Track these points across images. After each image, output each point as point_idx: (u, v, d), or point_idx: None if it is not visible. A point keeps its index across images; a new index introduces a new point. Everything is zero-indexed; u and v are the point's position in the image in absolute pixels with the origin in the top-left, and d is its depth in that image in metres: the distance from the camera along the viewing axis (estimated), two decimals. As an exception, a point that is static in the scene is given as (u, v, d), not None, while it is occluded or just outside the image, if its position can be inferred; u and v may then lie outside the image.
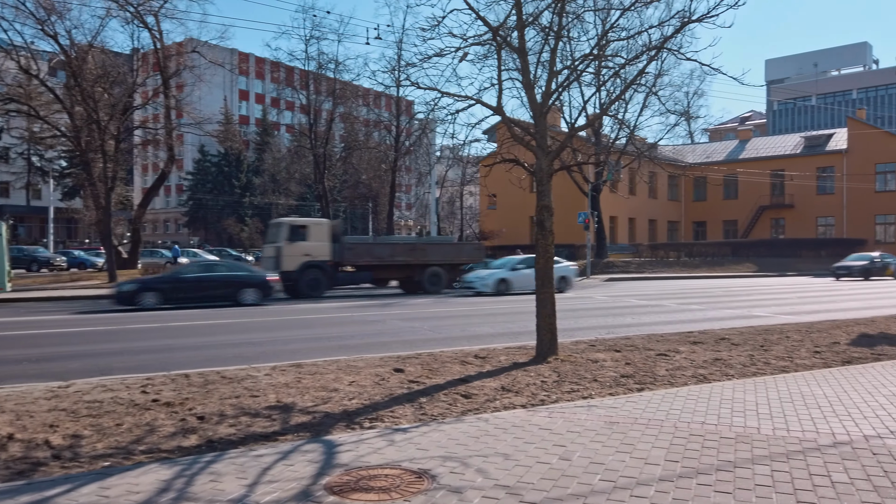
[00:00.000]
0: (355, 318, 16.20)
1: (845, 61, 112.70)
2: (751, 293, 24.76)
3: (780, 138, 62.74)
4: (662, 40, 8.38)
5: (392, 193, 39.81)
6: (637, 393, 6.80)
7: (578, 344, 10.27)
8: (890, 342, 10.25)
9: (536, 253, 8.77)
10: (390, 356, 9.23)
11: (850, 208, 51.96)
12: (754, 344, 10.10)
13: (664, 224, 58.87)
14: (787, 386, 7.02)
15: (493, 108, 8.25)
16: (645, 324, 14.78)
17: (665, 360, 8.74)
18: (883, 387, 6.90)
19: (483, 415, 5.94)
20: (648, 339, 10.75)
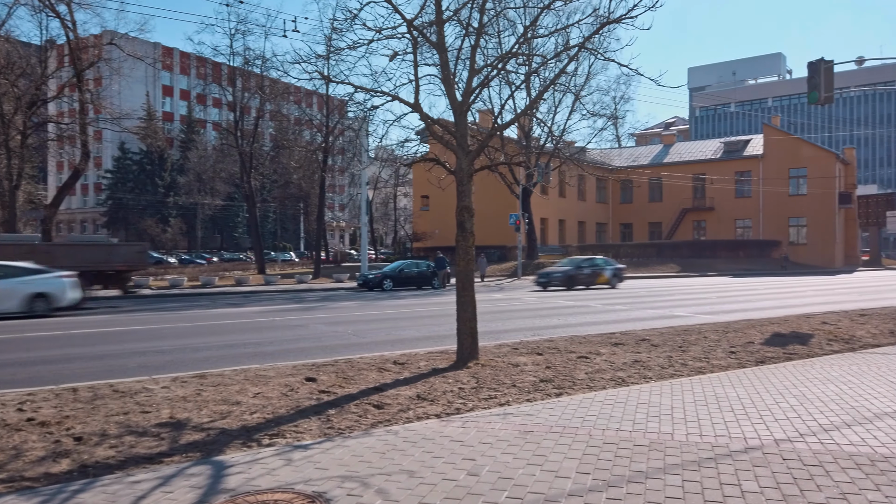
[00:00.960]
0: (277, 323, 15.57)
1: (761, 71, 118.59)
2: (673, 293, 25.43)
3: (702, 143, 65.24)
4: (583, 40, 8.28)
5: (322, 194, 38.95)
6: (555, 398, 6.63)
7: (502, 347, 10.09)
8: (801, 341, 10.54)
9: (457, 255, 8.52)
10: (305, 364, 8.78)
11: (766, 211, 54.48)
12: (673, 345, 10.18)
13: (593, 226, 60.17)
14: (703, 388, 7.01)
15: (410, 104, 7.95)
16: (570, 325, 14.81)
17: (585, 362, 8.65)
18: (794, 387, 6.98)
19: (394, 427, 5.61)
20: (571, 341, 10.69)
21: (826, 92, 17.16)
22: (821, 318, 13.66)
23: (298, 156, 43.02)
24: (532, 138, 42.94)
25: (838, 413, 5.81)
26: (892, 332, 11.61)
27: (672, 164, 58.41)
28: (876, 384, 7.10)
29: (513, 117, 8.37)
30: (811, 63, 17.43)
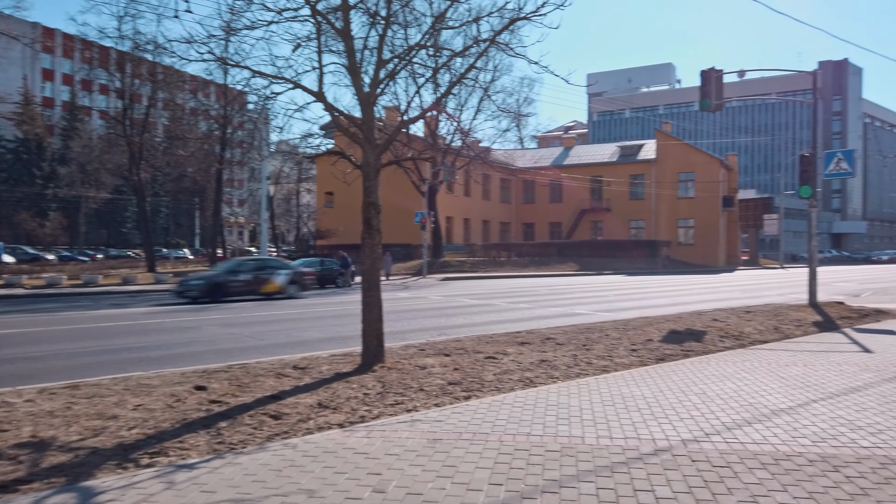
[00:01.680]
0: (165, 325, 14.54)
1: (654, 80, 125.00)
2: (573, 291, 26.10)
3: (599, 147, 67.84)
4: (492, 35, 8.12)
5: (219, 188, 37.14)
6: (464, 402, 6.41)
7: (408, 348, 9.79)
8: (696, 338, 10.92)
9: (363, 253, 8.15)
10: (195, 370, 8.11)
11: (658, 212, 57.35)
12: (577, 343, 10.26)
13: (497, 225, 61.14)
14: (609, 387, 7.02)
15: (313, 93, 7.49)
16: (477, 324, 14.75)
17: (493, 363, 8.51)
18: (694, 385, 7.12)
19: (292, 440, 5.18)
20: (478, 341, 10.56)
21: (717, 99, 18.05)
22: (711, 316, 14.30)
23: (194, 147, 40.87)
24: (439, 136, 42.97)
25: (738, 410, 5.94)
26: (776, 328, 12.30)
27: (572, 167, 60.31)
28: (768, 380, 7.37)
29: (421, 112, 8.08)
30: (703, 72, 18.27)
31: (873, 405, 6.04)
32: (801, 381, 7.29)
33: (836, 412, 5.81)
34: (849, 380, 7.30)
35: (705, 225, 56.53)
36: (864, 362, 8.48)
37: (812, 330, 12.18)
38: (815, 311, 15.08)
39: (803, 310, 15.46)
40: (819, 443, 4.87)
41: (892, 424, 5.34)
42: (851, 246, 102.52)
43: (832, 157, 17.65)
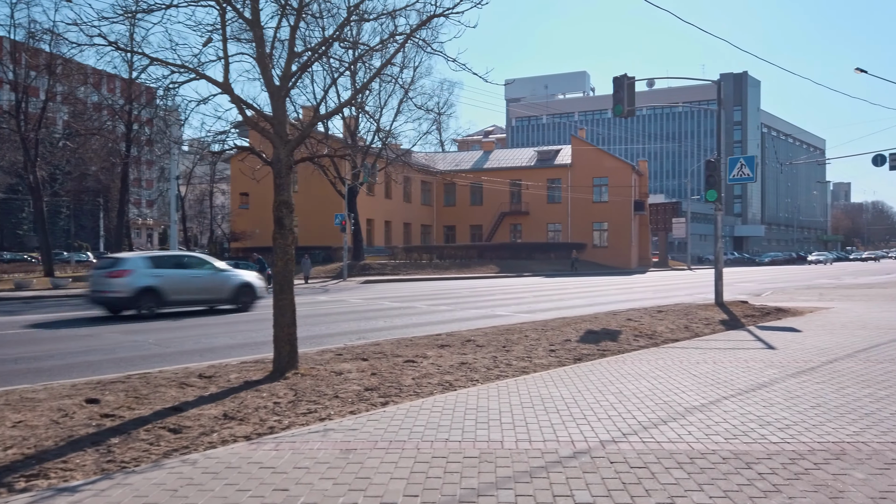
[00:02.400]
0: (61, 334, 13.49)
1: (569, 87, 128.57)
2: (493, 293, 26.29)
3: (518, 151, 69.07)
4: (409, 31, 7.93)
5: (124, 188, 35.14)
6: (381, 409, 6.17)
7: (324, 353, 9.43)
8: (611, 338, 11.11)
9: (275, 254, 7.75)
10: (89, 381, 7.47)
11: (574, 216, 58.91)
12: (497, 345, 10.21)
13: (418, 227, 61.03)
14: (528, 388, 6.95)
15: (218, 84, 7.05)
16: (397, 327, 14.51)
17: (412, 367, 8.30)
18: (611, 384, 7.17)
19: (192, 455, 4.78)
20: (398, 345, 10.33)
21: (629, 105, 18.59)
22: (626, 315, 14.66)
23: (96, 145, 38.48)
24: (358, 137, 42.42)
25: (654, 409, 5.98)
26: (686, 327, 12.71)
27: (491, 170, 61.03)
28: (681, 378, 7.52)
29: (337, 106, 7.78)
30: (616, 78, 18.79)
31: (780, 400, 6.23)
32: (712, 378, 7.48)
33: (745, 408, 5.95)
34: (755, 376, 7.55)
35: (618, 228, 58.52)
36: (769, 359, 8.82)
37: (720, 328, 12.66)
38: (721, 310, 15.73)
39: (711, 309, 16.11)
40: (731, 440, 4.94)
41: (798, 419, 5.50)
42: (751, 248, 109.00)
43: (735, 162, 18.52)
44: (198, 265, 18.77)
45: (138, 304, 16.68)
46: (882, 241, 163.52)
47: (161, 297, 17.05)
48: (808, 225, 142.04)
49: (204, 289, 18.18)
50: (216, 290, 18.38)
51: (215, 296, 18.39)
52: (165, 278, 17.26)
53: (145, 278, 16.87)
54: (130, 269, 16.90)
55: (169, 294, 17.21)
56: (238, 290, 18.60)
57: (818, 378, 7.35)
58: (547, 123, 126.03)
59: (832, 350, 9.49)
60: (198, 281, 18.07)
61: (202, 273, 18.43)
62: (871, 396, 6.35)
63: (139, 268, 17.09)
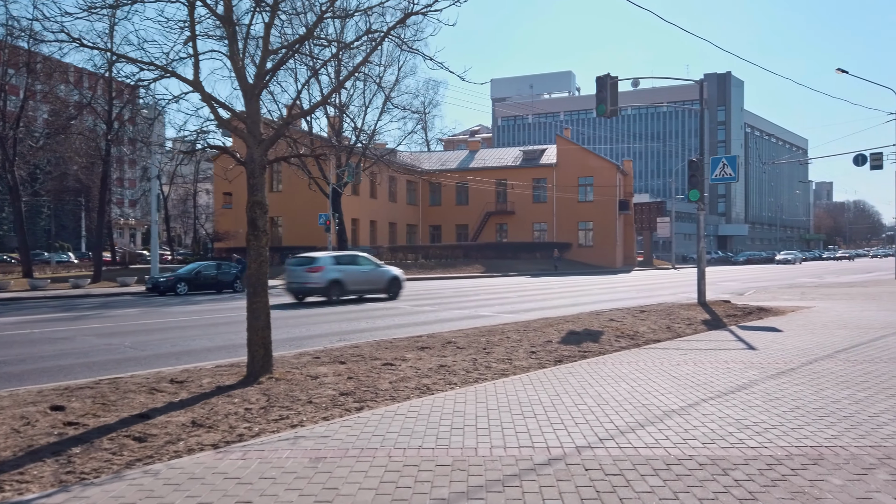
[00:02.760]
0: (35, 336, 13.21)
1: (555, 87, 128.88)
2: (478, 293, 26.20)
3: (504, 151, 69.05)
4: (387, 29, 7.79)
5: (104, 187, 34.66)
6: (355, 414, 6.03)
7: (302, 356, 9.28)
8: (593, 338, 11.04)
9: (248, 255, 7.59)
10: (56, 387, 7.27)
11: (559, 215, 59.01)
12: (478, 347, 10.10)
13: (404, 227, 60.84)
14: (507, 392, 6.85)
15: (188, 81, 6.87)
16: (379, 328, 14.37)
17: (391, 370, 8.17)
18: (590, 387, 7.08)
19: (155, 465, 4.63)
20: (377, 347, 10.19)
21: (612, 105, 18.57)
22: (608, 316, 14.61)
23: (77, 144, 37.92)
24: (343, 137, 42.17)
25: (632, 413, 5.90)
26: (668, 327, 12.68)
27: (477, 170, 60.98)
28: (661, 380, 7.45)
29: (312, 105, 7.64)
30: (599, 78, 18.76)
31: (759, 403, 6.18)
32: (692, 380, 7.42)
33: (724, 411, 5.88)
34: (735, 378, 7.50)
35: (603, 227, 58.69)
36: (749, 359, 8.79)
37: (701, 328, 12.65)
38: (704, 310, 15.74)
39: (693, 308, 16.11)
40: (709, 444, 4.86)
41: (776, 423, 5.44)
42: (735, 247, 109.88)
43: (717, 162, 18.56)
44: (364, 263, 23.03)
45: (329, 292, 21.07)
46: (864, 239, 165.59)
47: (343, 288, 21.40)
48: (791, 224, 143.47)
49: (369, 281, 22.42)
50: (377, 282, 22.61)
51: (376, 287, 22.59)
52: (346, 273, 21.70)
53: (333, 273, 21.24)
54: (323, 266, 21.22)
55: (348, 285, 21.57)
56: (390, 281, 22.83)
57: (798, 379, 7.31)
58: (532, 123, 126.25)
59: (812, 350, 9.48)
60: (366, 275, 22.46)
61: (367, 269, 22.78)
62: (850, 398, 6.31)
63: (328, 265, 21.41)
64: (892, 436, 4.99)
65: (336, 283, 21.15)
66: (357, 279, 22.04)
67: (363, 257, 23.62)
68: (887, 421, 5.41)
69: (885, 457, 4.48)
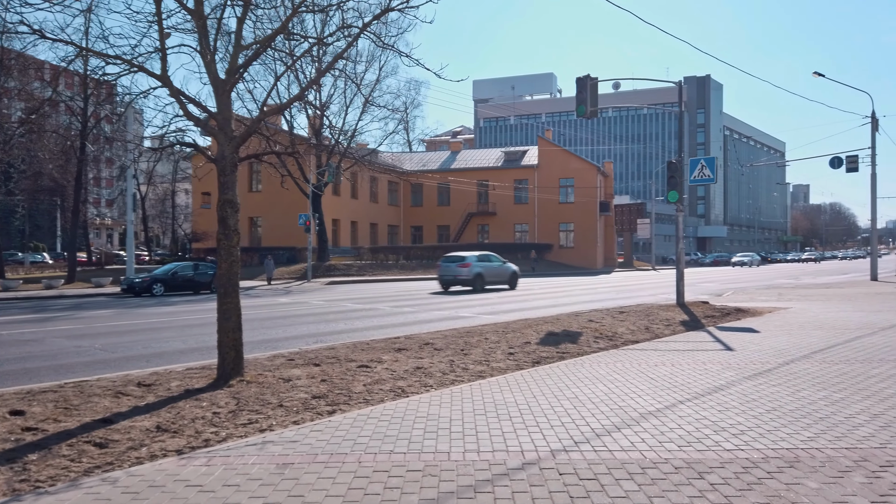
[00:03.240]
0: (2, 338, 12.87)
1: (536, 88, 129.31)
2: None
3: (485, 152, 69.08)
4: (363, 25, 7.65)
5: (78, 187, 34.06)
6: (327, 418, 5.88)
7: (276, 359, 9.09)
8: (572, 339, 10.98)
9: (218, 255, 7.40)
10: (18, 391, 7.02)
11: (541, 216, 59.14)
12: (455, 348, 9.99)
13: (385, 228, 60.59)
14: (483, 394, 6.74)
15: (156, 75, 6.68)
16: (357, 329, 14.21)
17: (366, 372, 8.03)
18: (567, 389, 7.00)
19: (115, 472, 4.45)
20: (353, 349, 10.04)
21: (592, 106, 18.57)
22: (587, 317, 14.58)
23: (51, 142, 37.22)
24: (323, 137, 41.87)
25: (608, 415, 5.82)
26: (647, 328, 12.66)
27: (459, 171, 60.93)
28: (638, 381, 7.39)
29: (286, 101, 7.47)
30: (579, 79, 18.75)
31: (735, 405, 6.13)
32: (669, 381, 7.36)
33: (701, 413, 5.82)
34: (712, 379, 7.46)
35: (584, 229, 58.92)
36: (727, 360, 8.77)
37: (680, 329, 12.65)
38: (682, 311, 15.77)
39: (672, 309, 16.14)
40: (685, 447, 4.79)
41: (752, 424, 5.39)
42: (714, 249, 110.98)
43: (696, 164, 18.64)
44: (495, 260, 29.20)
45: (474, 283, 27.04)
46: (840, 241, 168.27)
47: (484, 280, 27.48)
48: (769, 226, 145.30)
49: (499, 274, 28.64)
50: (503, 275, 28.83)
51: (502, 279, 28.77)
52: (485, 268, 27.89)
53: (477, 268, 27.42)
54: (470, 263, 27.38)
55: (487, 277, 27.73)
56: (512, 275, 29.22)
57: (774, 380, 7.29)
58: (514, 124, 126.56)
59: (789, 351, 9.50)
60: (497, 270, 28.61)
61: (498, 265, 28.87)
62: (825, 399, 6.29)
63: (474, 262, 27.55)
64: (868, 437, 4.96)
65: (479, 276, 27.19)
66: (492, 273, 28.12)
67: (494, 256, 29.61)
68: (863, 422, 5.38)
69: (861, 459, 4.44)
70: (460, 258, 27.87)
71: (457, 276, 27.19)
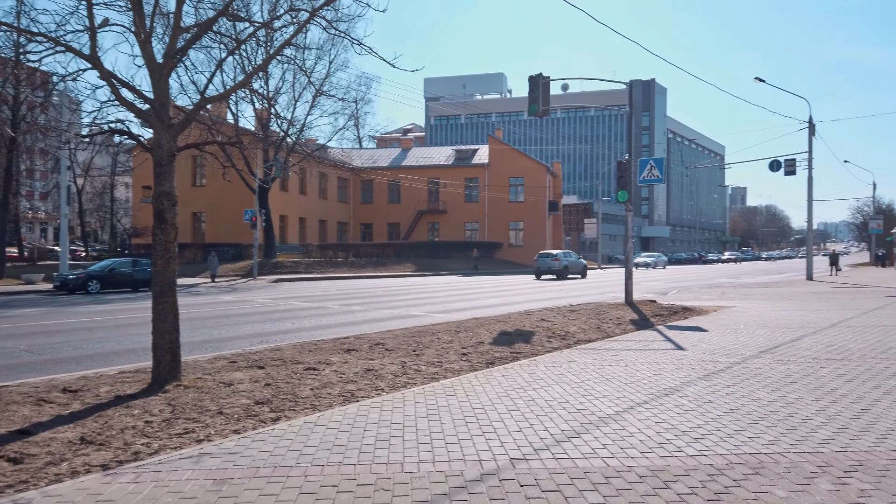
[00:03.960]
0: (-86, 340, 11.88)
1: (487, 88, 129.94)
2: (409, 292, 25.77)
3: (436, 150, 68.85)
4: (312, 10, 7.27)
5: (8, 178, 32.23)
6: (271, 426, 5.51)
7: (216, 361, 8.60)
8: (525, 339, 10.83)
9: (154, 252, 6.90)
10: (-75, 400, 6.37)
11: (491, 215, 59.30)
12: (407, 348, 9.70)
13: (334, 225, 59.69)
14: (437, 398, 6.48)
15: (85, 56, 6.15)
16: (305, 329, 13.75)
17: (313, 375, 7.65)
18: (523, 391, 6.79)
19: (29, 492, 3.98)
20: (301, 350, 9.62)
21: (544, 105, 18.54)
22: (539, 315, 14.49)
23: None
24: (271, 131, 40.83)
25: (566, 419, 5.63)
26: (598, 327, 12.64)
27: (410, 168, 60.53)
28: (594, 382, 7.26)
29: (229, 87, 7.03)
30: (532, 77, 18.69)
31: (693, 406, 6.03)
32: (625, 382, 7.25)
33: (660, 416, 5.69)
34: (667, 379, 7.38)
35: (534, 228, 59.37)
36: (679, 360, 8.75)
37: (630, 328, 12.67)
38: (631, 310, 15.87)
39: (621, 308, 16.23)
40: (647, 453, 4.62)
41: (713, 428, 5.28)
42: (658, 248, 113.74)
43: (645, 164, 18.82)
44: (574, 256, 39.56)
45: (562, 273, 36.57)
46: (774, 242, 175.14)
47: (568, 270, 37.10)
48: (709, 226, 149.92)
49: (576, 267, 38.49)
50: (578, 268, 38.78)
51: (578, 272, 38.80)
52: (569, 262, 37.73)
53: (565, 262, 37.12)
54: (560, 258, 37.01)
55: (569, 270, 37.37)
56: (584, 268, 39.42)
57: (728, 381, 7.27)
58: (465, 123, 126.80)
59: (738, 350, 9.56)
60: (574, 263, 38.35)
61: (575, 259, 39.06)
62: (781, 400, 6.26)
63: (563, 257, 37.35)
64: (828, 440, 4.90)
65: (565, 268, 36.82)
66: (572, 266, 37.88)
67: (572, 253, 40.42)
68: (821, 424, 5.34)
69: (824, 464, 4.35)
70: (552, 255, 37.35)
71: (550, 268, 36.43)
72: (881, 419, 5.51)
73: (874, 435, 5.03)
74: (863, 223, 68.36)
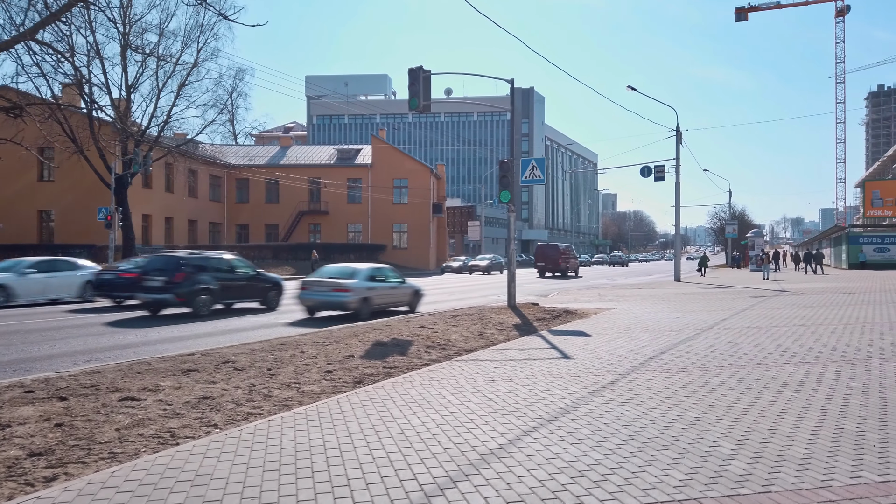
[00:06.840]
0: None
1: (371, 88, 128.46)
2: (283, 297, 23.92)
3: (318, 148, 66.43)
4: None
5: None
6: (36, 493, 3.99)
7: (8, 391, 6.78)
8: (401, 350, 9.73)
9: None
10: None
11: (374, 217, 57.91)
12: (262, 366, 8.28)
13: (206, 225, 55.79)
14: (282, 435, 5.19)
15: None
16: (150, 342, 11.90)
17: (129, 407, 6.10)
18: (392, 419, 5.66)
19: None
20: (128, 371, 7.94)
21: (425, 100, 17.57)
22: (419, 322, 13.47)
23: None
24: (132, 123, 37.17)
25: (441, 459, 4.55)
26: (480, 333, 11.79)
27: (289, 167, 57.89)
28: (475, 403, 6.26)
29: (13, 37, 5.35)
30: (412, 70, 17.69)
31: (588, 433, 5.15)
32: (510, 401, 6.31)
33: (551, 449, 4.75)
34: (556, 396, 6.53)
35: (418, 230, 58.64)
36: (567, 371, 7.98)
37: (513, 334, 11.93)
38: (514, 314, 15.24)
39: (504, 312, 15.56)
40: (539, 509, 3.63)
41: (612, 464, 4.39)
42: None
43: (527, 164, 18.38)
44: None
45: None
46: (641, 245, 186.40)
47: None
48: (584, 230, 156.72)
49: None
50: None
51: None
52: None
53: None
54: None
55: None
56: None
57: (620, 396, 6.52)
58: (349, 123, 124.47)
59: (625, 358, 8.98)
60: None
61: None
62: (681, 420, 5.54)
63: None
64: (746, 477, 4.14)
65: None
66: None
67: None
68: (731, 454, 4.60)
69: (751, 513, 3.55)
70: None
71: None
72: (792, 442, 4.88)
73: (792, 465, 4.34)
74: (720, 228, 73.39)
